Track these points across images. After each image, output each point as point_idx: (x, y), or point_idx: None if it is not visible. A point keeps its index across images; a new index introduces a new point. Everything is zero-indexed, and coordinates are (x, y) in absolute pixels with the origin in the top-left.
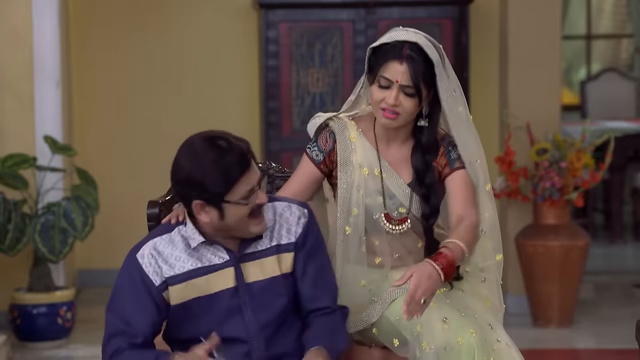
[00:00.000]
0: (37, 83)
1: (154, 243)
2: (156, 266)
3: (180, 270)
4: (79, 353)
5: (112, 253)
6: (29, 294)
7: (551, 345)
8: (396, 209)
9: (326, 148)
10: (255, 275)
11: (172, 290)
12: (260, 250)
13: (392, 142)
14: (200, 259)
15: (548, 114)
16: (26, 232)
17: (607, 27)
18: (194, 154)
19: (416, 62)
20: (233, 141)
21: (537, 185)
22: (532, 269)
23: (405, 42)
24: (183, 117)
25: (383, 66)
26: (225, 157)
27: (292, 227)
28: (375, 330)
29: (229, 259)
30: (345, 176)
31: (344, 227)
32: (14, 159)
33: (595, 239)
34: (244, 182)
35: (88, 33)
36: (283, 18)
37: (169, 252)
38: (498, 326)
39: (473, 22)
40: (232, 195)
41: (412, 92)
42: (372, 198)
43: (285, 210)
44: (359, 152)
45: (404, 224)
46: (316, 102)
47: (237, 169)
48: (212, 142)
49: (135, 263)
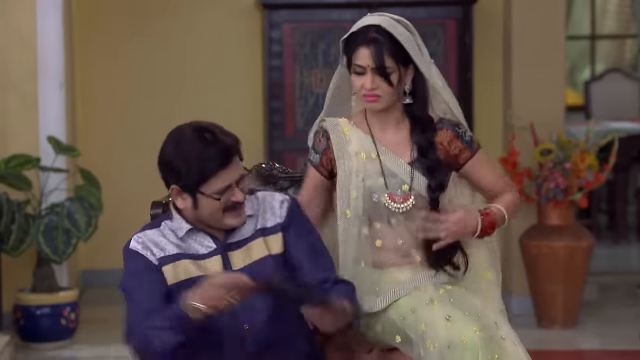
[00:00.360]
0: (41, 84)
1: (144, 233)
2: (148, 249)
3: (170, 252)
4: (82, 354)
5: (116, 253)
6: (33, 295)
7: (555, 346)
8: (399, 187)
9: (321, 147)
10: (243, 261)
11: (165, 271)
12: (246, 237)
13: (386, 127)
14: (189, 249)
15: (552, 115)
16: (30, 232)
17: (611, 28)
18: (179, 140)
19: (382, 44)
20: (219, 135)
21: (541, 186)
22: (536, 270)
23: (371, 26)
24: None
25: (354, 54)
26: (206, 149)
27: (277, 210)
28: (380, 327)
29: (215, 247)
30: (344, 165)
31: (345, 211)
32: (17, 159)
33: (599, 239)
34: (221, 178)
35: (91, 35)
36: (286, 18)
37: (158, 239)
38: (503, 323)
39: (477, 23)
40: (207, 188)
41: (384, 73)
42: (373, 179)
43: (267, 197)
44: (354, 141)
45: (407, 201)
46: (319, 102)
47: (215, 163)
48: (198, 133)
49: (131, 252)
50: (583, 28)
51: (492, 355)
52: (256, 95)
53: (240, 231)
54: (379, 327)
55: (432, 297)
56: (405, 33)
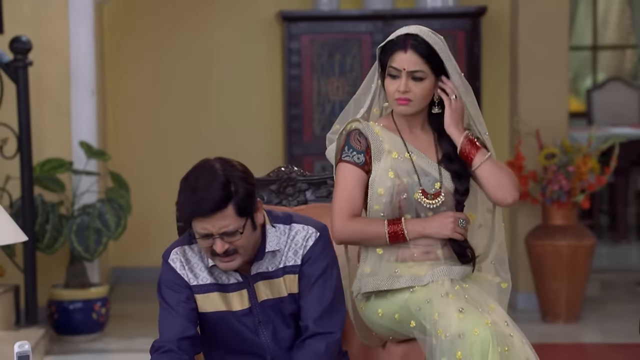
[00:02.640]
0: (74, 92)
1: (184, 250)
2: (185, 272)
3: (203, 281)
4: (112, 346)
5: (144, 252)
6: (66, 290)
7: (559, 340)
8: (432, 186)
9: (362, 147)
10: (265, 294)
11: (196, 299)
12: (270, 271)
13: (413, 129)
14: (220, 275)
15: (556, 121)
16: (63, 232)
17: (612, 39)
18: (187, 174)
19: (419, 50)
20: (211, 184)
21: (545, 188)
22: (541, 268)
23: (408, 35)
24: (210, 124)
25: (390, 58)
26: (189, 193)
27: (300, 250)
28: (398, 315)
29: (242, 280)
30: (379, 163)
31: (373, 206)
32: (51, 163)
33: (601, 239)
34: (199, 225)
35: (121, 44)
36: (305, 30)
37: (195, 263)
38: (512, 324)
39: (485, 34)
40: (194, 226)
41: (420, 76)
42: (408, 177)
43: (299, 233)
44: (386, 141)
45: (438, 197)
46: (336, 110)
47: (188, 211)
48: (195, 176)
49: (170, 267)
50: (585, 39)
51: (502, 348)
52: (276, 103)
53: (265, 264)
54: (396, 315)
55: (448, 291)
56: (440, 43)
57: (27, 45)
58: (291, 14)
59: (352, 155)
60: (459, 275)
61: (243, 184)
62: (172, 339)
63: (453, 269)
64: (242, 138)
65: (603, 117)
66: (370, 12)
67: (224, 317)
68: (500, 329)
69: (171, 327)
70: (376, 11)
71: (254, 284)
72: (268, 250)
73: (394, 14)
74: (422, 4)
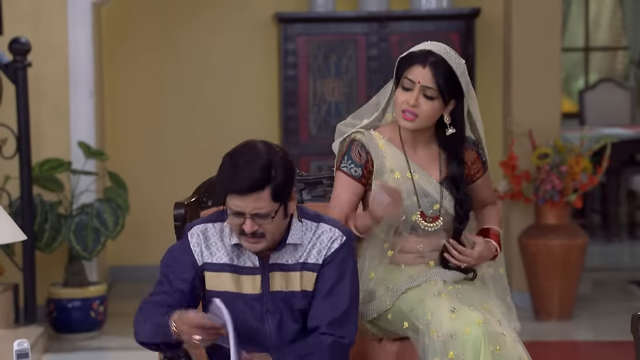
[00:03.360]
0: (72, 92)
1: (205, 228)
2: (200, 249)
3: (217, 260)
4: (110, 344)
5: (142, 251)
6: (64, 289)
7: (552, 338)
8: (431, 207)
9: (362, 161)
10: (279, 285)
11: (207, 275)
12: (289, 264)
13: (417, 144)
14: (237, 257)
15: (549, 121)
16: (61, 231)
17: (604, 40)
18: (231, 150)
19: (438, 68)
20: (253, 164)
21: (538, 188)
22: (534, 267)
23: (430, 51)
24: (207, 124)
25: (407, 69)
26: (230, 169)
27: (323, 250)
28: (390, 316)
29: (259, 266)
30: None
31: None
32: (50, 163)
33: (593, 238)
34: (231, 202)
35: (119, 46)
36: (301, 32)
37: (213, 241)
38: (506, 323)
39: (478, 35)
40: (227, 202)
41: (432, 95)
42: (409, 198)
43: (325, 233)
44: (388, 157)
45: (437, 221)
46: (332, 111)
47: (225, 186)
48: (239, 152)
49: (186, 239)
50: (577, 40)
51: (493, 347)
52: (272, 103)
53: (285, 256)
54: (389, 316)
55: (440, 291)
56: (461, 68)
57: (26, 47)
58: (287, 16)
59: (350, 167)
60: (452, 278)
61: (283, 170)
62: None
63: (446, 272)
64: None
65: (595, 117)
66: (366, 14)
67: (232, 298)
68: (493, 327)
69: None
70: (371, 13)
71: (270, 272)
72: (289, 242)
73: (389, 15)
74: (417, 5)
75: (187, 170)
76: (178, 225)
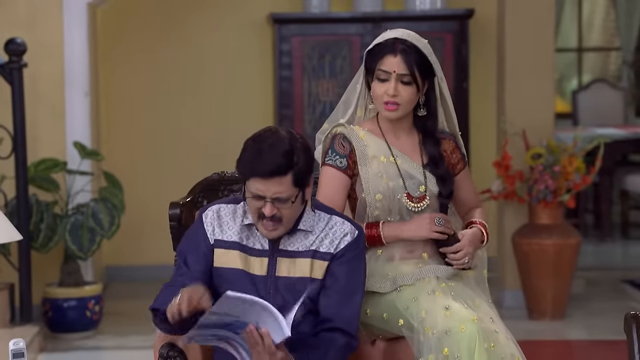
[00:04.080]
0: (68, 93)
1: (219, 207)
2: (213, 227)
3: (228, 238)
4: (106, 343)
5: (137, 250)
6: (60, 289)
7: (545, 337)
8: (417, 189)
9: (345, 152)
10: (286, 271)
11: (216, 252)
12: (298, 250)
13: (398, 133)
14: (247, 238)
15: (542, 121)
16: (57, 231)
17: (597, 41)
18: (254, 135)
19: (409, 53)
20: (276, 149)
21: (532, 188)
22: (527, 266)
23: (396, 39)
24: (202, 124)
25: (379, 62)
26: (253, 153)
27: (336, 241)
28: (386, 315)
29: (267, 249)
30: (366, 167)
31: (373, 213)
32: (46, 163)
33: (586, 237)
34: (255, 185)
35: (115, 47)
36: (295, 32)
37: (226, 220)
38: (498, 320)
39: (472, 36)
40: (248, 185)
41: (408, 80)
42: (395, 181)
43: (337, 225)
44: (370, 145)
45: (423, 201)
46: (326, 111)
47: (248, 169)
48: (263, 136)
49: (200, 220)
50: (571, 41)
51: (488, 344)
52: (267, 104)
53: (294, 242)
54: (384, 315)
55: (434, 289)
56: (428, 47)
57: (22, 47)
58: (282, 16)
59: (335, 159)
60: (446, 274)
61: (305, 156)
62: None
63: (439, 268)
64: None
65: (588, 117)
66: (360, 15)
67: (238, 275)
68: (486, 325)
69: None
70: (366, 13)
71: (278, 257)
72: (300, 228)
73: (383, 16)
74: (411, 6)
75: (183, 170)
76: (173, 225)
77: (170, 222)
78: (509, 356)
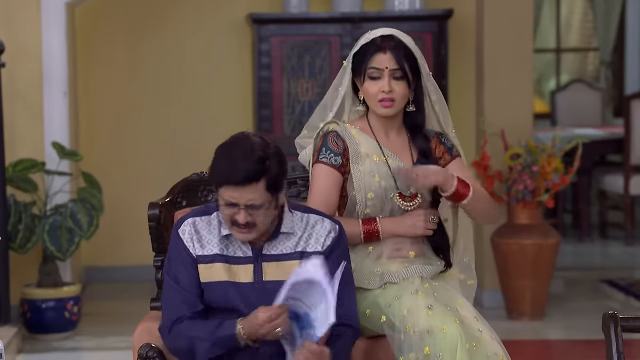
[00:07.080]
0: (46, 93)
1: (194, 221)
2: (192, 242)
3: (208, 252)
4: (84, 344)
5: (116, 251)
6: (38, 289)
7: (524, 337)
8: (408, 188)
9: (340, 149)
10: (273, 275)
11: (200, 268)
12: (284, 253)
13: (389, 131)
14: (227, 247)
15: (521, 122)
16: (35, 231)
17: (575, 41)
18: (226, 142)
19: (397, 49)
20: (248, 156)
21: (510, 188)
22: (506, 266)
23: (383, 36)
24: (182, 125)
25: (369, 61)
26: (225, 161)
27: (321, 239)
28: (369, 311)
29: (251, 255)
30: (358, 166)
31: (364, 211)
32: (24, 163)
33: (565, 237)
34: (225, 193)
35: (93, 46)
36: (275, 32)
37: (203, 234)
38: (482, 319)
39: (451, 36)
40: (221, 193)
41: (400, 75)
42: (387, 181)
43: (318, 223)
44: (362, 144)
45: (415, 199)
46: (305, 110)
47: (220, 178)
48: (233, 144)
49: (178, 238)
50: (549, 42)
51: (470, 344)
52: (247, 104)
53: (278, 245)
54: (367, 311)
55: (418, 289)
56: (413, 44)
57: (0, 47)
58: (261, 16)
59: (330, 156)
60: (430, 274)
61: (277, 161)
62: (184, 313)
63: (425, 268)
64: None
65: (566, 118)
66: (339, 15)
67: (224, 286)
68: (469, 323)
69: (182, 303)
70: (345, 14)
71: (263, 262)
72: (282, 231)
73: (362, 16)
74: (390, 7)
75: (162, 171)
76: (152, 226)
77: (149, 222)
78: (493, 355)
